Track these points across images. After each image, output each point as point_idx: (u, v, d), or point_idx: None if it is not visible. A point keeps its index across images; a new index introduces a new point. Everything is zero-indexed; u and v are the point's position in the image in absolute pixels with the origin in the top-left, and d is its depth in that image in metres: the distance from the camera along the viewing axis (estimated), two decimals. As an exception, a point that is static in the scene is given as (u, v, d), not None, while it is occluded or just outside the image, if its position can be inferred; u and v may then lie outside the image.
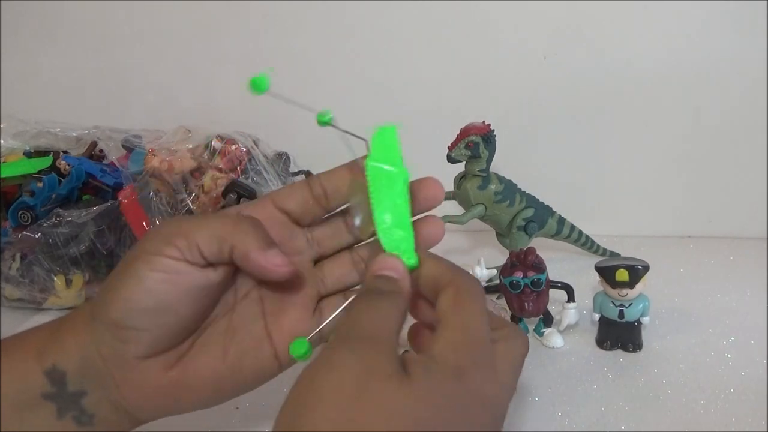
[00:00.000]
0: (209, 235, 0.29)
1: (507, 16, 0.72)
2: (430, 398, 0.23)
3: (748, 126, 0.71)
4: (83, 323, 0.29)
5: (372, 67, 0.77)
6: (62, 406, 0.29)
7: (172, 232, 0.29)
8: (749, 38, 0.68)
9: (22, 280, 0.63)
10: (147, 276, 0.28)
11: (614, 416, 0.44)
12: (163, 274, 0.28)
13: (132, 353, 0.29)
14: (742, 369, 0.49)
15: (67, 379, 0.29)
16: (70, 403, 0.29)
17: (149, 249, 0.28)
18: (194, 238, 0.29)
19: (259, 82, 0.34)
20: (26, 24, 0.83)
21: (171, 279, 0.28)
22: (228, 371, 0.32)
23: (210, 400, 0.32)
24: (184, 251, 0.29)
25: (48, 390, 0.29)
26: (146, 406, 0.31)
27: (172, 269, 0.28)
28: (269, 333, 0.33)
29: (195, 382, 0.31)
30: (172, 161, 0.65)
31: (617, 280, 0.50)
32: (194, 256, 0.29)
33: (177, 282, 0.29)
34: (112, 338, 0.29)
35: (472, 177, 0.61)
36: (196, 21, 0.79)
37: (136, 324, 0.29)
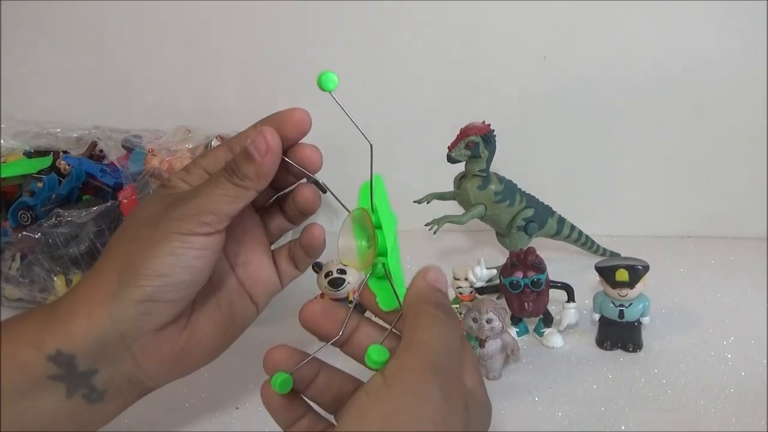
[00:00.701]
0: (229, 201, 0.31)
1: (506, 16, 0.72)
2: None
3: (748, 126, 0.71)
4: (99, 305, 0.30)
5: (372, 67, 0.77)
6: (72, 386, 0.30)
7: (199, 210, 0.31)
8: (749, 38, 0.68)
9: (22, 280, 0.63)
10: (183, 253, 0.30)
11: (614, 416, 0.44)
12: (198, 251, 0.30)
13: (154, 324, 0.31)
14: (742, 369, 0.49)
15: (77, 361, 0.30)
16: (81, 382, 0.30)
17: (181, 230, 0.30)
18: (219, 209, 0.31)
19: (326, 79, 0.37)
20: (26, 24, 0.83)
21: (204, 254, 0.31)
22: (224, 322, 0.35)
23: (215, 353, 0.35)
24: (215, 224, 0.31)
25: (55, 372, 0.29)
26: (161, 373, 0.32)
27: (203, 245, 0.31)
28: (241, 282, 0.36)
29: (203, 339, 0.33)
30: (172, 161, 0.65)
31: (617, 280, 0.50)
32: (223, 222, 0.31)
33: (208, 256, 0.31)
34: (135, 313, 0.30)
35: (472, 177, 0.61)
36: (196, 21, 0.79)
37: (171, 297, 0.30)
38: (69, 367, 0.29)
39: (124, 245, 0.31)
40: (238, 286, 0.36)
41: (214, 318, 0.34)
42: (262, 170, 0.32)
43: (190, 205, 0.31)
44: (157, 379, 0.33)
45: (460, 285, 0.57)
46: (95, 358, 0.30)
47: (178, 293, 0.31)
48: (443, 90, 0.76)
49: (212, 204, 0.31)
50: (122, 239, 0.32)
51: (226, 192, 0.31)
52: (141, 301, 0.30)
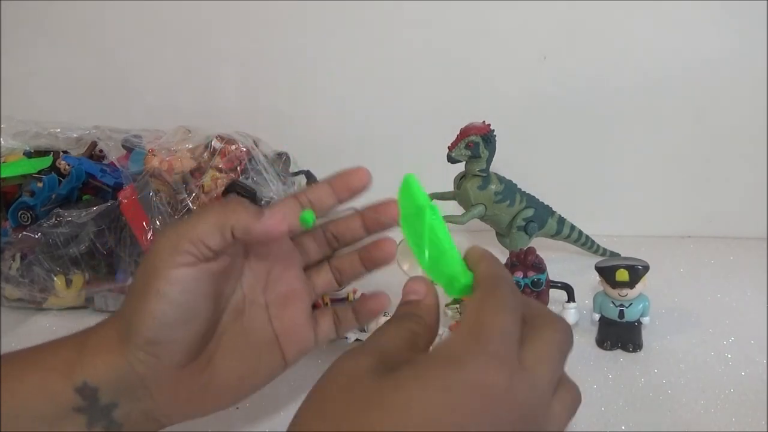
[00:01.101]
0: (208, 228, 0.30)
1: (506, 16, 0.72)
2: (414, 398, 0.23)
3: (748, 126, 0.71)
4: (116, 344, 0.31)
5: (372, 67, 0.77)
6: (93, 418, 0.31)
7: (174, 241, 0.30)
8: (749, 39, 0.68)
9: (22, 280, 0.63)
10: (167, 290, 0.30)
11: (614, 416, 0.44)
12: (182, 284, 0.30)
13: (167, 364, 0.31)
14: (742, 369, 0.49)
15: (99, 395, 0.30)
16: (101, 415, 0.31)
17: (161, 265, 0.30)
18: (197, 236, 0.30)
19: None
20: (26, 24, 0.83)
21: (189, 287, 0.30)
22: (248, 372, 0.34)
23: (232, 400, 0.35)
24: (194, 252, 0.30)
25: (80, 404, 0.30)
26: (178, 412, 0.33)
27: (188, 277, 0.30)
28: (277, 336, 0.35)
29: (222, 384, 0.33)
30: (172, 161, 0.65)
31: (617, 280, 0.50)
32: (203, 252, 0.30)
33: (195, 287, 0.31)
34: (145, 356, 0.30)
35: (472, 177, 0.61)
36: (196, 21, 0.79)
37: (168, 337, 0.30)
38: (92, 400, 0.30)
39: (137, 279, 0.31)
40: (271, 339, 0.35)
41: (235, 367, 0.34)
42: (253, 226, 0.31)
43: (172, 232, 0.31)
44: (172, 418, 0.33)
45: (460, 285, 0.57)
46: (116, 393, 0.30)
47: (174, 332, 0.31)
48: (443, 90, 0.76)
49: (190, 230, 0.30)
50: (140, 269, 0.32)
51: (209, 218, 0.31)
52: (145, 344, 0.30)
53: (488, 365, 0.24)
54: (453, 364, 0.24)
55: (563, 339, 0.28)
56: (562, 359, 0.27)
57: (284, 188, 0.70)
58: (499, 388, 0.24)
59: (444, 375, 0.24)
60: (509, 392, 0.24)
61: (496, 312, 0.26)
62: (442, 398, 0.23)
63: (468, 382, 0.23)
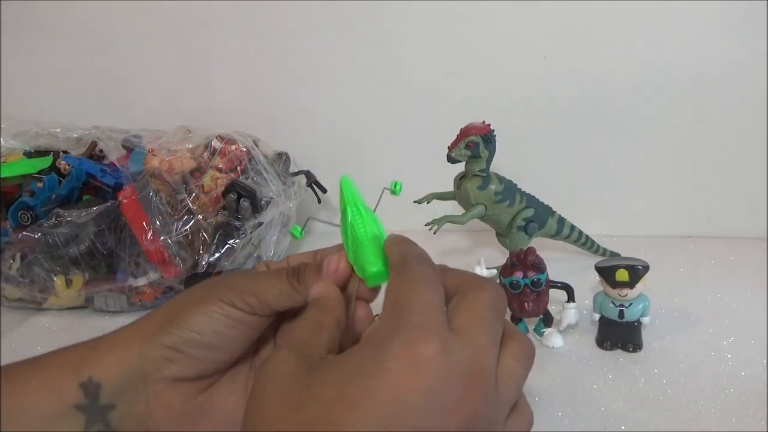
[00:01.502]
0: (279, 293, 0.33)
1: (507, 16, 0.72)
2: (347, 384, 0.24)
3: (748, 126, 0.71)
4: (137, 339, 0.32)
5: (372, 67, 0.77)
6: (91, 418, 0.31)
7: (246, 289, 0.32)
8: (749, 39, 0.68)
9: (22, 280, 0.63)
10: (218, 318, 0.31)
11: (614, 416, 0.44)
12: (233, 321, 0.32)
13: (173, 373, 0.31)
14: (742, 369, 0.49)
15: (101, 392, 0.31)
16: (98, 416, 0.31)
17: (223, 298, 0.32)
18: (266, 297, 0.32)
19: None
20: (26, 24, 0.83)
21: (236, 326, 0.32)
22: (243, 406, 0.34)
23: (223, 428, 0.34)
24: (255, 307, 0.32)
25: (81, 401, 0.30)
26: (168, 426, 0.33)
27: (240, 318, 0.32)
28: None
29: (217, 411, 0.33)
30: (172, 161, 0.65)
31: (617, 280, 0.50)
32: (262, 310, 0.32)
33: (239, 329, 0.32)
34: (161, 357, 0.31)
35: (472, 177, 0.61)
36: (196, 21, 0.79)
37: (192, 353, 0.31)
38: (93, 398, 0.31)
39: (179, 299, 0.33)
40: None
41: (234, 398, 0.34)
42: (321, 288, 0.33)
43: (244, 282, 0.33)
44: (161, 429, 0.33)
45: (460, 285, 0.57)
46: (116, 392, 0.31)
47: (203, 353, 0.32)
48: (443, 90, 0.76)
49: (261, 289, 0.32)
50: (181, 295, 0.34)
51: (279, 285, 0.33)
52: (168, 346, 0.31)
53: (413, 337, 0.24)
54: (379, 345, 0.25)
55: (491, 297, 0.28)
56: (495, 317, 0.28)
57: (284, 188, 0.70)
58: (429, 355, 0.24)
59: (372, 356, 0.24)
60: (443, 357, 0.24)
61: (410, 287, 0.27)
62: (373, 378, 0.23)
63: (396, 358, 0.24)
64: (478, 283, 0.29)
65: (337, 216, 0.36)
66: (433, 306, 0.27)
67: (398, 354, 0.24)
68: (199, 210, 0.64)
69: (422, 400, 0.23)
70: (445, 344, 0.24)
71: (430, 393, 0.23)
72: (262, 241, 0.67)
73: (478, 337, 0.26)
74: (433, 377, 0.24)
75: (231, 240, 0.63)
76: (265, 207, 0.66)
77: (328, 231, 0.38)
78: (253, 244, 0.66)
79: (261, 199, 0.66)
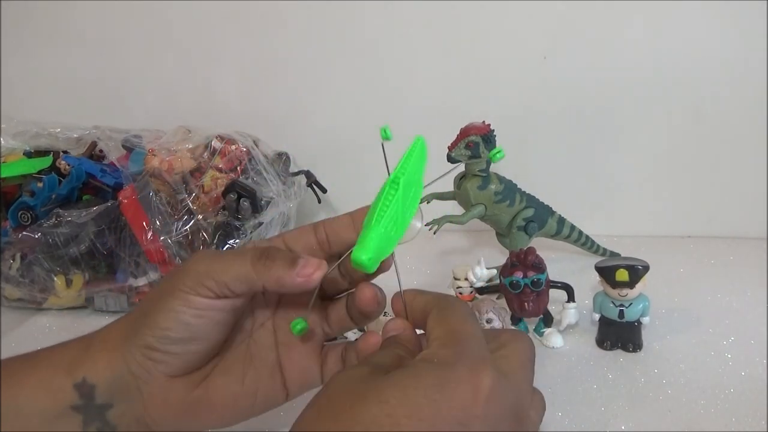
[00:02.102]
0: (238, 276, 0.31)
1: (507, 16, 0.72)
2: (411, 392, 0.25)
3: (748, 126, 0.71)
4: (116, 341, 0.32)
5: (372, 66, 0.77)
6: (88, 418, 0.31)
7: (203, 272, 0.31)
8: (749, 38, 0.68)
9: (22, 280, 0.63)
10: (182, 311, 0.31)
11: (614, 416, 0.44)
12: (197, 310, 0.31)
13: (161, 372, 0.31)
14: (742, 369, 0.49)
15: (96, 392, 0.31)
16: (96, 415, 0.31)
17: (183, 287, 0.31)
18: (223, 279, 0.31)
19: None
20: (26, 24, 0.83)
21: (203, 314, 0.31)
22: (244, 394, 0.34)
23: (224, 420, 0.34)
24: (216, 290, 0.31)
25: (77, 402, 0.31)
26: (167, 422, 0.33)
27: (204, 306, 0.31)
28: (281, 363, 0.35)
29: (215, 402, 0.33)
30: (172, 161, 0.65)
31: (617, 280, 0.50)
32: (226, 293, 0.31)
33: (208, 316, 0.31)
34: (143, 358, 0.31)
35: (472, 177, 0.61)
36: (196, 21, 0.79)
37: (169, 349, 0.31)
38: (89, 398, 0.31)
39: (152, 292, 0.33)
40: (274, 366, 0.35)
41: (231, 389, 0.34)
42: (286, 281, 0.31)
43: (203, 265, 0.31)
44: (163, 427, 0.33)
45: (460, 285, 0.57)
46: (111, 393, 0.31)
47: (180, 347, 0.31)
48: (443, 90, 0.76)
49: (218, 271, 0.31)
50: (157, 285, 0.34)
51: (239, 268, 0.31)
52: (144, 346, 0.31)
53: (475, 365, 0.26)
54: (443, 365, 0.26)
55: (529, 347, 0.30)
56: (533, 367, 0.29)
57: (284, 188, 0.70)
58: (488, 385, 0.25)
59: (436, 374, 0.25)
60: (497, 391, 0.25)
61: (462, 321, 0.29)
62: (437, 393, 0.24)
63: (461, 380, 0.25)
64: (515, 333, 0.31)
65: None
66: (483, 342, 0.28)
67: (462, 379, 0.25)
68: (199, 210, 0.64)
69: (479, 426, 0.24)
70: (499, 380, 0.26)
71: (486, 420, 0.25)
72: (262, 241, 0.67)
73: (521, 381, 0.28)
74: (490, 407, 0.25)
75: (231, 240, 0.63)
76: (265, 207, 0.66)
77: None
78: (253, 244, 0.66)
79: (261, 199, 0.66)
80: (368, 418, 0.24)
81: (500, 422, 0.25)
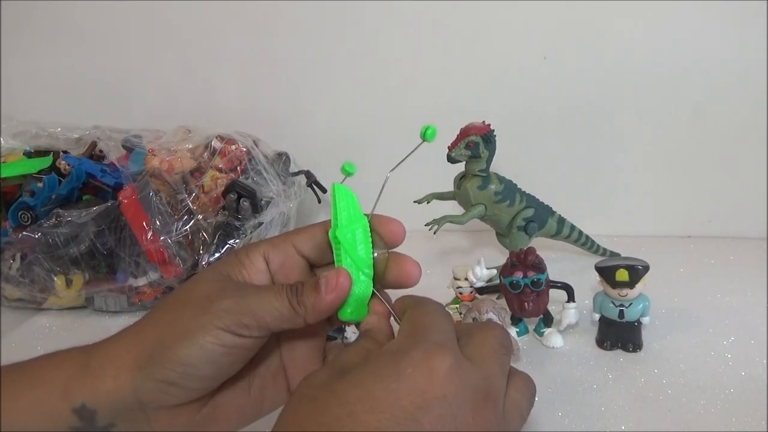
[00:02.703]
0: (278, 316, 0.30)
1: (507, 16, 0.72)
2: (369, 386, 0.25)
3: (748, 126, 0.71)
4: (124, 366, 0.30)
5: (372, 66, 0.77)
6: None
7: (239, 310, 0.30)
8: (749, 38, 0.68)
9: (22, 280, 0.63)
10: (212, 349, 0.29)
11: (614, 416, 0.44)
12: (228, 349, 0.30)
13: (172, 402, 0.30)
14: (742, 369, 0.49)
15: (97, 417, 0.30)
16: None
17: (218, 323, 0.29)
18: (265, 319, 0.30)
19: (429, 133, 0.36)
20: (26, 24, 0.83)
21: (233, 352, 0.30)
22: (250, 403, 0.34)
23: (231, 428, 0.34)
24: (254, 331, 0.30)
25: (77, 425, 0.30)
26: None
27: (237, 345, 0.30)
28: (284, 366, 0.35)
29: (223, 416, 0.33)
30: (172, 161, 0.65)
31: (617, 280, 0.50)
32: (262, 333, 0.30)
33: (236, 354, 0.30)
34: (158, 391, 0.30)
35: (472, 177, 0.61)
36: (196, 21, 0.79)
37: (192, 385, 0.30)
38: (90, 422, 0.30)
39: (169, 317, 0.31)
40: (278, 370, 0.35)
41: (238, 401, 0.33)
42: (321, 306, 0.30)
43: (238, 301, 0.30)
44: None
45: (460, 285, 0.57)
46: (114, 416, 0.30)
47: (200, 383, 0.30)
48: (443, 90, 0.76)
49: (260, 311, 0.30)
50: (171, 308, 0.31)
51: (279, 308, 0.30)
52: (162, 381, 0.29)
53: (431, 350, 0.26)
54: (399, 354, 0.26)
55: (499, 334, 0.30)
56: (504, 352, 0.29)
57: (284, 188, 0.70)
58: (445, 367, 0.26)
59: (393, 363, 0.26)
60: (457, 372, 0.26)
61: (428, 315, 0.29)
62: (395, 384, 0.25)
63: (416, 365, 0.26)
64: (485, 324, 0.31)
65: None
66: (449, 331, 0.29)
67: (417, 363, 0.26)
68: (199, 210, 0.64)
69: (439, 408, 0.25)
70: (459, 362, 0.26)
71: (446, 401, 0.25)
72: (262, 241, 0.67)
73: (489, 364, 0.28)
74: (449, 388, 0.25)
75: (231, 240, 0.64)
76: (265, 207, 0.66)
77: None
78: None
79: (261, 199, 0.66)
80: (331, 420, 0.24)
81: (464, 403, 0.25)
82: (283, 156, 0.75)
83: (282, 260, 0.33)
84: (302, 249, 0.34)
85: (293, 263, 0.34)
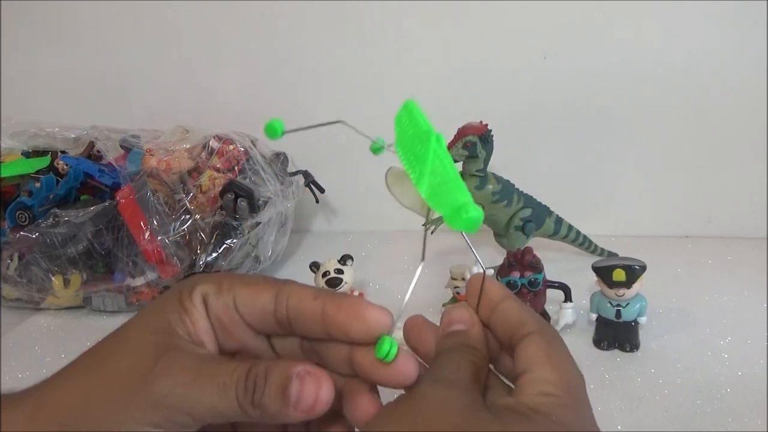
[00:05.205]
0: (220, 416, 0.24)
1: (507, 15, 0.72)
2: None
3: (748, 126, 0.71)
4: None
5: (371, 66, 0.77)
6: None
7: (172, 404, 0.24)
8: (749, 38, 0.67)
9: (20, 280, 0.63)
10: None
11: (611, 416, 0.44)
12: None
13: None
14: (739, 369, 0.49)
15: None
16: None
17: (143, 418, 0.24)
18: (202, 418, 0.24)
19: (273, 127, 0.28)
20: (26, 24, 0.83)
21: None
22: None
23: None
24: (189, 427, 0.24)
25: None
26: None
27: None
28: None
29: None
30: (170, 161, 0.65)
31: (614, 280, 0.50)
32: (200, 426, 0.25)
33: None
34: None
35: (470, 177, 0.61)
36: (196, 21, 0.79)
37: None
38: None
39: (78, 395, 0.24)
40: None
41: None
42: (285, 419, 0.24)
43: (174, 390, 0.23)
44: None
45: (457, 285, 0.57)
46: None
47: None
48: (441, 90, 0.76)
49: (198, 407, 0.23)
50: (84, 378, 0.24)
51: (224, 410, 0.23)
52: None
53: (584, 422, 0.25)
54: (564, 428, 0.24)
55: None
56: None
57: (282, 188, 0.70)
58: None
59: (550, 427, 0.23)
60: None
61: (573, 368, 0.26)
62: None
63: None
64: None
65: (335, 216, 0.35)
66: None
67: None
68: (197, 210, 0.64)
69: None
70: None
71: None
72: (260, 241, 0.67)
73: None
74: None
75: (228, 240, 0.64)
76: (262, 207, 0.66)
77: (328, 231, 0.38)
78: (251, 244, 0.66)
79: (258, 199, 0.66)
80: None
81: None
82: (281, 156, 0.75)
83: (220, 312, 0.26)
84: (241, 309, 0.26)
85: (232, 320, 0.26)
